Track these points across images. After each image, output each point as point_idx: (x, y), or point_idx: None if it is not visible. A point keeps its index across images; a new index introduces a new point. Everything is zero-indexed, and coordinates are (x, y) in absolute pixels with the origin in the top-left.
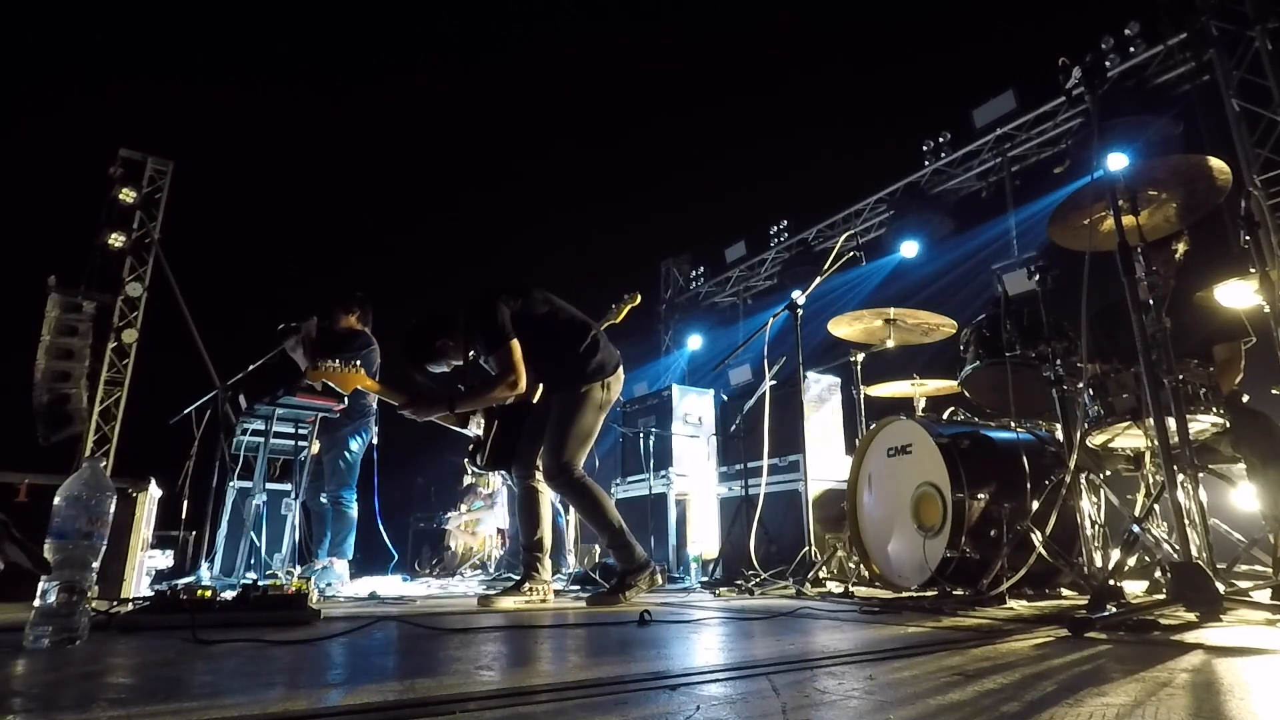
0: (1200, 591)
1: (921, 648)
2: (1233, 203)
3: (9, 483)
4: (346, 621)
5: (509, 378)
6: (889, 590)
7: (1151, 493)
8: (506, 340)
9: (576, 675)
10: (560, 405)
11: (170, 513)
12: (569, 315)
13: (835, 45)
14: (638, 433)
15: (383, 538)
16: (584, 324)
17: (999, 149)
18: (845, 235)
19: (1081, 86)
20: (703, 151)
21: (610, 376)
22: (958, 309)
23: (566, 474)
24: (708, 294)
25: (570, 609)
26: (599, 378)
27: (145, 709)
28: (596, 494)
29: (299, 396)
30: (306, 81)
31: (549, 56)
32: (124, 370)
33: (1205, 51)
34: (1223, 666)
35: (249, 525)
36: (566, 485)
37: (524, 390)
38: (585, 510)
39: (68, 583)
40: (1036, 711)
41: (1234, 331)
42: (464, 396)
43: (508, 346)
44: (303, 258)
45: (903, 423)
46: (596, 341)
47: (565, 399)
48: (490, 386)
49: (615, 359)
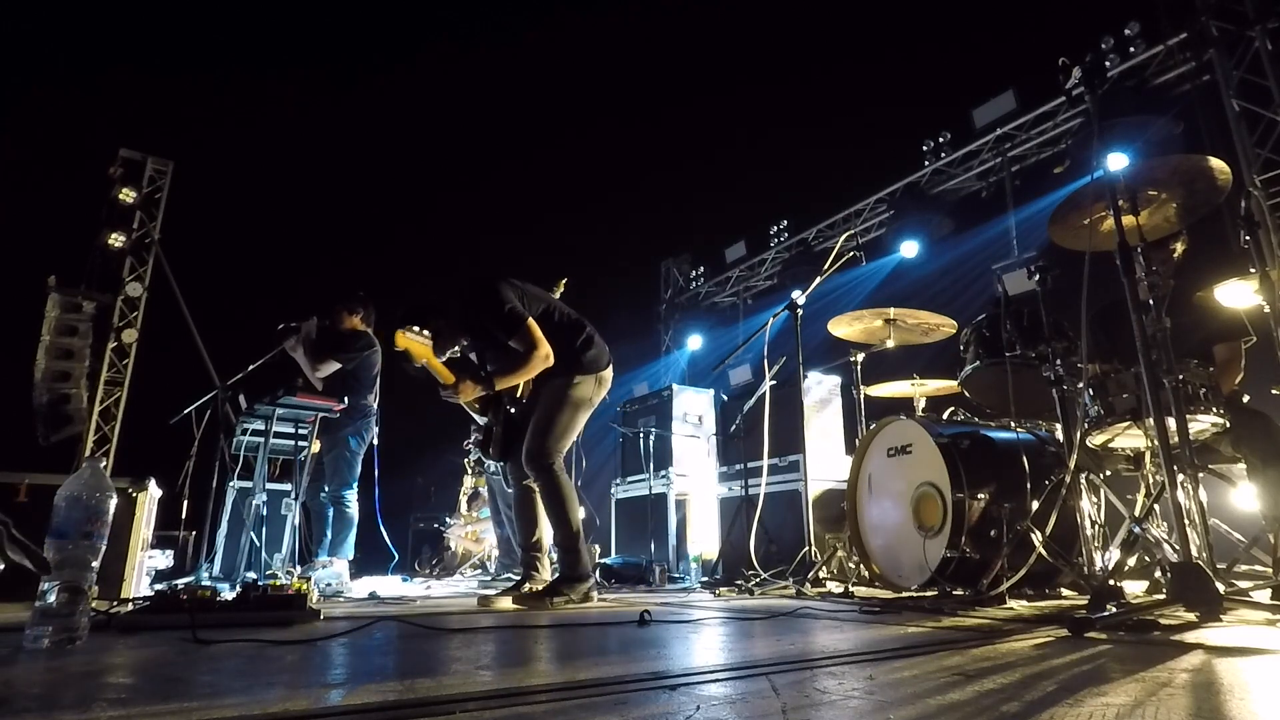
0: (1200, 591)
1: (921, 648)
2: (1233, 203)
3: (9, 483)
4: (346, 621)
5: (542, 351)
6: (889, 590)
7: (1151, 493)
8: (524, 319)
9: (576, 675)
10: (550, 394)
11: (170, 513)
12: (565, 309)
13: (835, 45)
14: (638, 433)
15: (383, 538)
16: (579, 319)
17: (999, 149)
18: (845, 235)
19: (1081, 86)
20: (703, 151)
21: (601, 372)
22: (958, 309)
23: (546, 459)
24: (708, 294)
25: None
26: (592, 371)
27: (145, 709)
28: (567, 490)
29: (299, 396)
30: (306, 79)
31: (548, 56)
32: (124, 370)
33: (1205, 51)
34: (1223, 666)
35: (249, 525)
36: (543, 471)
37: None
38: (551, 502)
39: (68, 583)
40: (1036, 711)
41: (1234, 331)
42: (500, 374)
43: (527, 325)
44: (303, 257)
45: (903, 423)
46: (591, 337)
47: (556, 388)
48: (525, 361)
49: (607, 356)
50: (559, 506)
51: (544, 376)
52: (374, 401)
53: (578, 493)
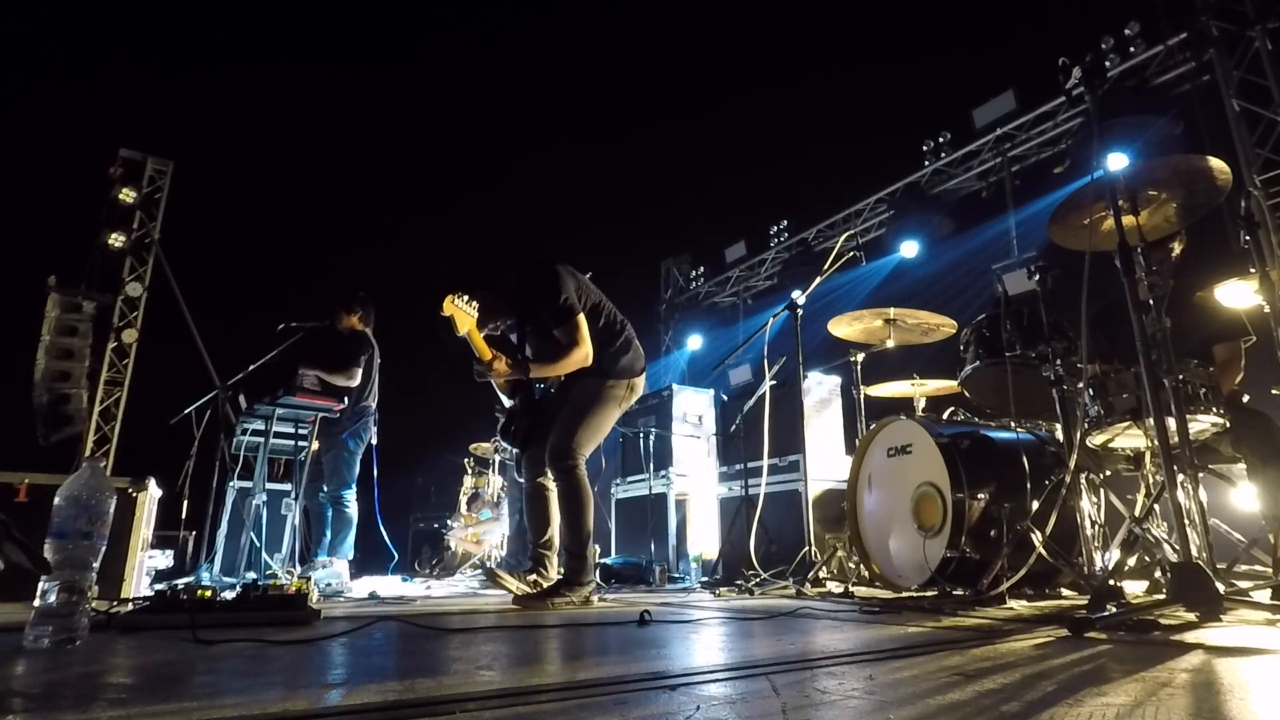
0: (1200, 591)
1: (921, 648)
2: (1233, 203)
3: (9, 483)
4: (346, 621)
5: (582, 351)
6: (889, 590)
7: (1151, 493)
8: (576, 314)
9: (577, 675)
10: (581, 393)
11: (170, 513)
12: (613, 309)
13: (835, 45)
14: (638, 433)
15: (383, 538)
16: (624, 321)
17: (999, 149)
18: (845, 235)
19: (1081, 86)
20: (703, 151)
21: (635, 378)
22: (958, 309)
23: (570, 459)
24: (708, 294)
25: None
26: (626, 376)
27: (145, 709)
28: (586, 495)
29: (299, 396)
30: (307, 79)
31: (549, 55)
32: (124, 370)
33: (1205, 51)
34: (1223, 666)
35: (249, 525)
36: (565, 471)
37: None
38: (568, 503)
39: (68, 583)
40: (1036, 711)
41: (1234, 331)
42: (538, 363)
43: (576, 320)
44: (303, 257)
45: (903, 423)
46: (630, 340)
47: (588, 388)
48: (563, 356)
49: (642, 362)
50: (575, 511)
51: (577, 374)
52: (373, 402)
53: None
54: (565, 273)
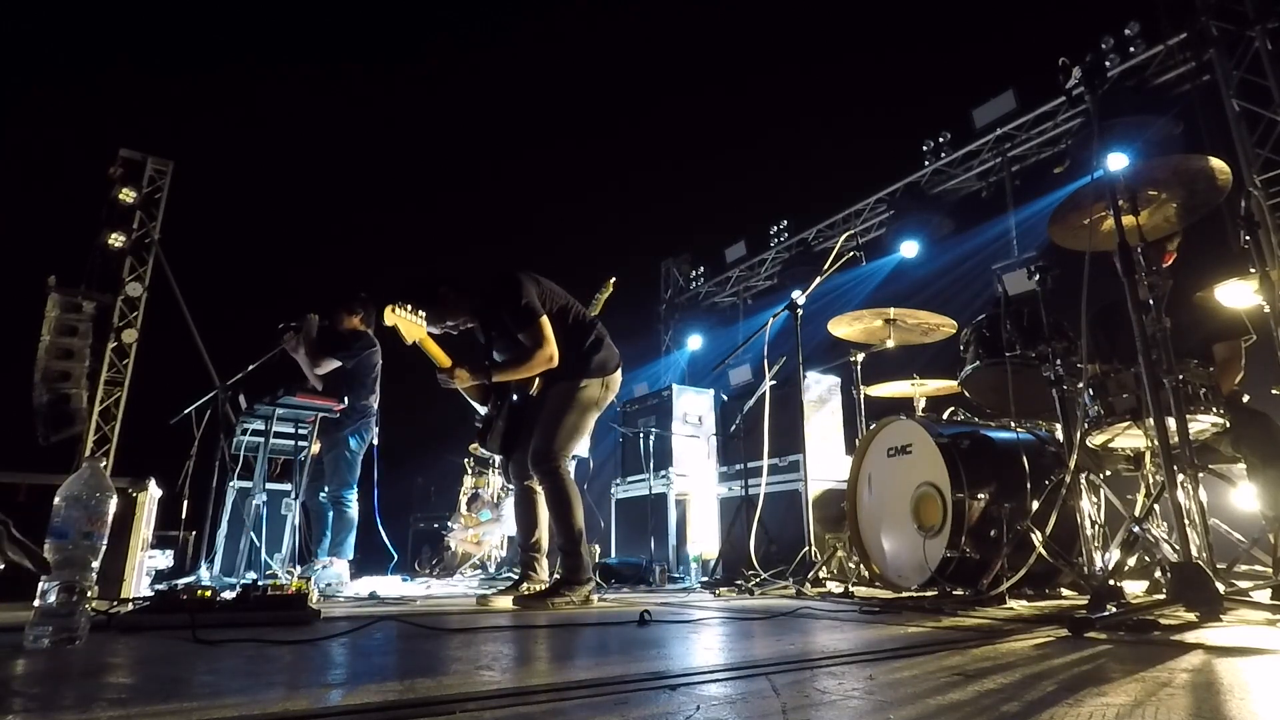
0: (1200, 591)
1: (921, 648)
2: (1233, 203)
3: (9, 483)
4: (346, 621)
5: (546, 351)
6: (889, 590)
7: (1151, 493)
8: (538, 316)
9: (577, 675)
10: (556, 396)
11: (170, 513)
12: (581, 310)
13: (835, 44)
14: (638, 433)
15: (383, 538)
16: (593, 320)
17: (999, 149)
18: (845, 235)
19: (1081, 86)
20: (703, 151)
21: (610, 376)
22: (958, 309)
23: (552, 462)
24: (708, 294)
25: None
26: (600, 375)
27: (145, 709)
28: (572, 493)
29: (299, 396)
30: (306, 79)
31: (549, 55)
32: (124, 370)
33: (1205, 51)
34: (1223, 666)
35: (249, 525)
36: (549, 473)
37: (557, 364)
38: (556, 505)
39: (68, 583)
40: (1036, 711)
41: (1234, 330)
42: (501, 366)
43: (539, 323)
44: (303, 257)
45: (903, 423)
46: (601, 339)
47: (562, 390)
48: (527, 358)
49: (616, 359)
50: (563, 510)
51: (552, 377)
52: (374, 402)
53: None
54: (526, 278)
